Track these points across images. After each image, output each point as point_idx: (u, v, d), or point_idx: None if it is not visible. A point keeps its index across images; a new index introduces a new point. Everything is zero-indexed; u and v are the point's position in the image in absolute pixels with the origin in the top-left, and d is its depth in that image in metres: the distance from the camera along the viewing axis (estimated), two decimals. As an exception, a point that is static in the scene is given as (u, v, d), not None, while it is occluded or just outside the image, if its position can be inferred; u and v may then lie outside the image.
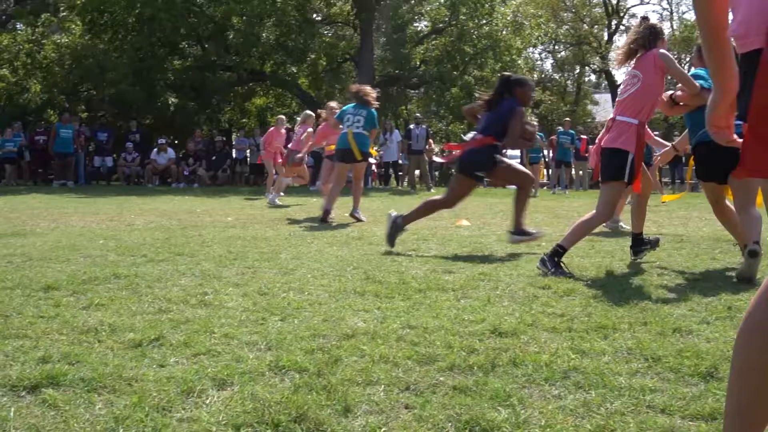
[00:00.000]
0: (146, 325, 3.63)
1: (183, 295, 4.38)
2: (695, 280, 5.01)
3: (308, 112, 14.60)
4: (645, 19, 5.77)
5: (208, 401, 2.58)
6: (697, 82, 5.44)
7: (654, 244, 6.14)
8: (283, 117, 15.57)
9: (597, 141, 5.79)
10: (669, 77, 5.51)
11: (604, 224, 6.68)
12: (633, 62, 5.54)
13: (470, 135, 6.94)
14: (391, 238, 6.70)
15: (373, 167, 23.59)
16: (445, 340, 3.34)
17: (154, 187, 20.02)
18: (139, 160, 21.51)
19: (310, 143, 11.93)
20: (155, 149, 21.55)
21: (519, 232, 6.86)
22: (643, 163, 5.75)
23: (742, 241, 5.65)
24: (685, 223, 9.47)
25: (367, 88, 9.91)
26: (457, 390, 2.71)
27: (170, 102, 23.04)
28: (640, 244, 6.12)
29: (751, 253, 5.04)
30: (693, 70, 5.80)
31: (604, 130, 5.90)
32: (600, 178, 5.74)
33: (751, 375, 1.69)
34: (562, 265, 5.28)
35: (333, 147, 10.47)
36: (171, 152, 21.71)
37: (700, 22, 1.87)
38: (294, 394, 2.62)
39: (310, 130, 12.73)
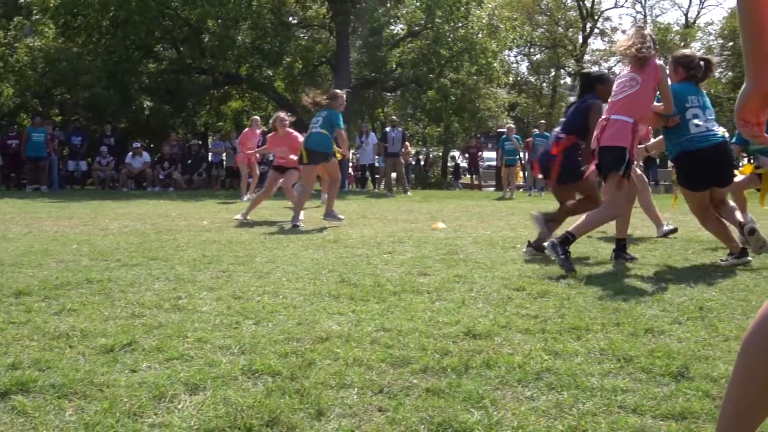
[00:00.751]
0: (119, 330, 3.60)
1: (156, 300, 4.35)
2: (668, 281, 5.05)
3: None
4: (641, 28, 5.90)
5: (180, 406, 2.57)
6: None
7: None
8: (258, 118, 15.50)
9: (594, 141, 5.84)
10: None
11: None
12: (629, 66, 5.77)
13: (555, 131, 6.69)
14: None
15: (350, 170, 23.60)
16: (419, 343, 3.35)
17: (129, 191, 19.87)
18: (113, 164, 21.33)
19: (263, 147, 12.06)
20: (130, 153, 21.39)
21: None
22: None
23: (730, 244, 5.95)
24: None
25: (333, 91, 9.83)
26: (431, 392, 2.71)
27: (145, 105, 22.82)
28: (622, 250, 6.14)
29: (750, 231, 5.67)
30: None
31: (597, 131, 5.89)
32: (599, 176, 6.03)
33: (752, 385, 1.73)
34: (568, 255, 5.54)
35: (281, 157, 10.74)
36: (146, 156, 21.56)
37: (744, 18, 1.79)
38: (267, 398, 2.61)
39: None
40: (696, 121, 5.82)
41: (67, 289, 4.66)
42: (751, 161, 7.35)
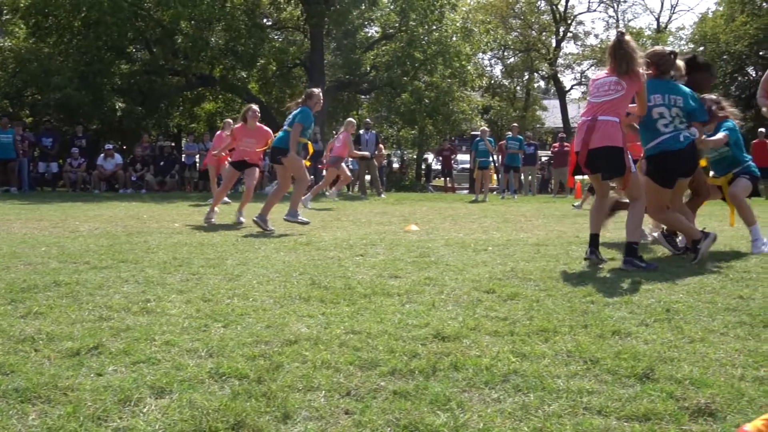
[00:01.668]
0: (85, 333, 3.57)
1: (125, 303, 4.32)
2: (637, 283, 5.09)
3: (351, 120, 16.00)
4: (622, 34, 6.02)
5: (145, 410, 2.55)
6: None
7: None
8: (230, 121, 15.41)
9: (581, 143, 5.95)
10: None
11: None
12: (613, 71, 5.92)
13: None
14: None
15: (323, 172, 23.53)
16: (388, 345, 3.35)
17: (101, 193, 19.69)
18: (85, 165, 21.12)
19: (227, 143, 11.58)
20: (102, 155, 21.19)
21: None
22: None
23: (691, 234, 6.27)
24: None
25: (309, 89, 9.69)
26: (398, 394, 2.71)
27: (117, 107, 22.62)
28: (596, 244, 6.22)
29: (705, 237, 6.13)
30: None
31: (585, 133, 5.94)
32: (603, 178, 6.18)
33: None
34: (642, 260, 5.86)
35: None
36: (118, 157, 21.36)
37: None
38: (233, 401, 2.60)
39: (350, 135, 15.01)
40: (663, 121, 6.09)
41: (34, 292, 4.61)
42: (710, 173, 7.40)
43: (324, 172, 16.60)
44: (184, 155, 23.47)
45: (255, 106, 10.59)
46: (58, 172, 21.67)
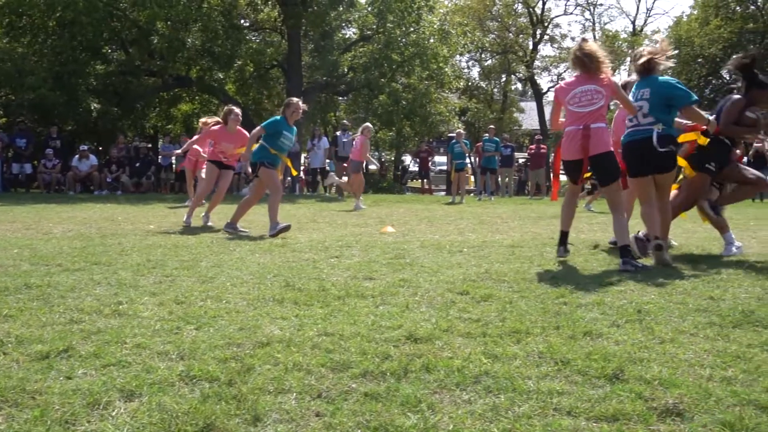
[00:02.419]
0: (55, 336, 3.54)
1: (96, 305, 4.29)
2: (609, 284, 5.12)
3: (368, 124, 16.24)
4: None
5: (114, 413, 2.54)
6: None
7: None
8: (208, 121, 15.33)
9: (580, 150, 6.16)
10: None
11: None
12: (588, 78, 6.19)
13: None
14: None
15: (301, 174, 23.52)
16: (360, 347, 3.35)
17: (76, 194, 19.52)
18: (59, 166, 20.94)
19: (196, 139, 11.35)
20: (77, 156, 21.01)
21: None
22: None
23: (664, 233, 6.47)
24: (604, 229, 9.67)
25: (288, 99, 9.53)
26: (369, 396, 2.71)
27: (92, 107, 22.42)
28: (565, 241, 6.57)
29: (657, 247, 6.09)
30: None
31: (582, 140, 6.15)
32: (603, 184, 6.41)
33: None
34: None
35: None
36: (93, 159, 21.19)
37: None
38: (202, 403, 2.59)
39: (367, 140, 15.35)
40: (630, 117, 6.44)
41: (5, 295, 4.57)
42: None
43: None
44: (160, 156, 23.31)
45: (237, 110, 10.36)
46: (32, 173, 21.47)
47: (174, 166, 22.44)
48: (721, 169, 6.82)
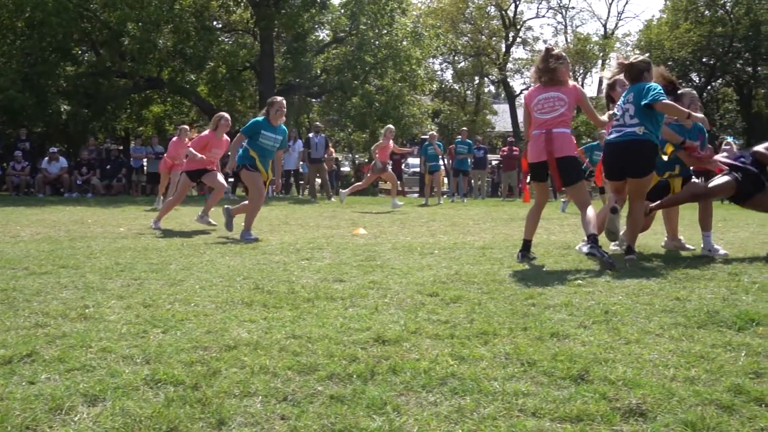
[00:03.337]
0: (19, 340, 3.50)
1: (62, 309, 4.25)
2: (578, 285, 5.15)
3: (391, 126, 16.36)
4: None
5: (76, 418, 2.51)
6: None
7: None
8: (186, 127, 15.19)
9: (545, 152, 6.28)
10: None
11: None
12: (550, 85, 6.33)
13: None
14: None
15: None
16: (328, 350, 3.35)
17: (45, 197, 19.30)
18: (29, 169, 20.70)
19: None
20: (46, 158, 20.79)
21: None
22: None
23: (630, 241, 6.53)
24: (575, 230, 9.74)
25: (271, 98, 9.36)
26: (335, 399, 2.71)
27: (62, 109, 22.19)
28: (528, 249, 6.55)
29: (612, 210, 6.42)
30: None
31: (545, 143, 6.28)
32: (564, 185, 6.60)
33: None
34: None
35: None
36: (63, 161, 20.97)
37: None
38: (166, 407, 2.57)
39: (391, 143, 15.66)
40: (616, 118, 6.49)
41: (-31, 299, 4.51)
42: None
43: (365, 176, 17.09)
44: (131, 158, 23.12)
45: (227, 116, 10.21)
46: (1, 175, 21.22)
47: (145, 167, 22.26)
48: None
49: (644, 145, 6.31)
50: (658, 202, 7.01)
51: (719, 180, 6.95)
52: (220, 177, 10.42)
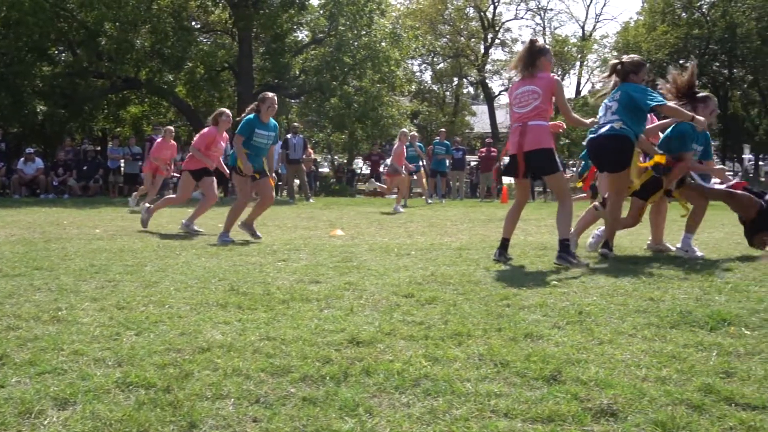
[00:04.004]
0: (-10, 343, 3.46)
1: (35, 311, 4.21)
2: (553, 286, 5.17)
3: (404, 130, 16.72)
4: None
5: (46, 422, 2.49)
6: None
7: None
8: (171, 128, 15.09)
9: (516, 145, 6.38)
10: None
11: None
12: (528, 80, 6.36)
13: None
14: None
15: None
16: (302, 351, 3.34)
17: (21, 198, 19.14)
18: (4, 170, 20.52)
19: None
20: (22, 159, 20.61)
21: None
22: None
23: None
24: (552, 231, 9.76)
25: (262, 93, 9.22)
26: (307, 401, 2.71)
27: (39, 110, 22.01)
28: (505, 248, 6.57)
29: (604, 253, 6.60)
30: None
31: (518, 136, 6.33)
32: (534, 177, 6.83)
33: None
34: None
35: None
36: (39, 162, 20.80)
37: None
38: (137, 411, 2.56)
39: (404, 145, 15.77)
40: (600, 114, 6.67)
41: (-61, 302, 4.46)
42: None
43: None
44: (109, 159, 22.96)
45: (228, 112, 9.98)
46: (-24, 176, 21.03)
47: (122, 168, 22.10)
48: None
49: (619, 140, 6.39)
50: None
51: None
52: (215, 185, 10.12)
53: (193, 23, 28.11)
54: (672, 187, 6.85)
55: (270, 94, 8.77)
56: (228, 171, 9.71)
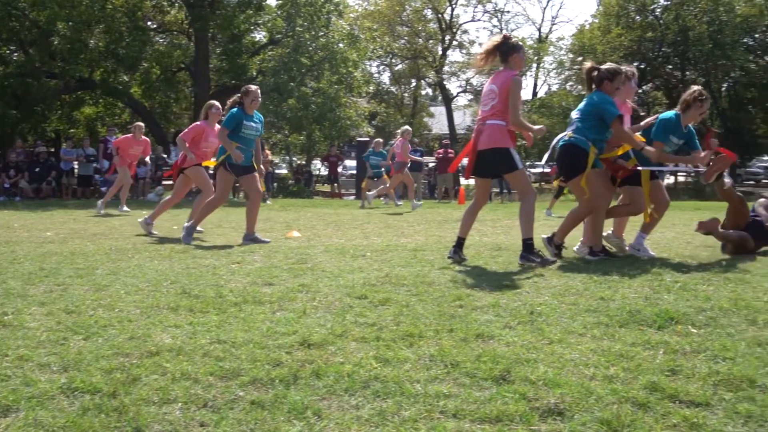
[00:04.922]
0: (-69, 350, 3.38)
1: (-20, 317, 4.12)
2: (506, 286, 5.20)
3: (407, 127, 16.72)
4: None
5: (-14, 429, 2.44)
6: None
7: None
8: (141, 125, 14.85)
9: (472, 145, 6.45)
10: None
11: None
12: (493, 79, 6.41)
13: None
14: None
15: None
16: (252, 354, 3.32)
17: (-29, 200, 18.77)
18: (-47, 172, 20.12)
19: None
20: (-29, 161, 20.22)
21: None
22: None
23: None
24: (507, 232, 9.85)
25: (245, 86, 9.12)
26: (256, 404, 2.69)
27: (-11, 110, 21.61)
28: (461, 247, 6.58)
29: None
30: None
31: (475, 136, 6.44)
32: (489, 176, 6.83)
33: None
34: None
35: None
36: (-10, 164, 20.43)
37: None
38: (81, 417, 2.52)
39: (407, 142, 15.88)
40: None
41: None
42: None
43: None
44: (62, 161, 22.58)
45: (218, 104, 9.79)
46: (-76, 179, 20.55)
47: (76, 170, 21.74)
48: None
49: (570, 148, 6.48)
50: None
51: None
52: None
53: (149, 23, 27.79)
54: (710, 180, 6.92)
55: (253, 87, 8.71)
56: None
